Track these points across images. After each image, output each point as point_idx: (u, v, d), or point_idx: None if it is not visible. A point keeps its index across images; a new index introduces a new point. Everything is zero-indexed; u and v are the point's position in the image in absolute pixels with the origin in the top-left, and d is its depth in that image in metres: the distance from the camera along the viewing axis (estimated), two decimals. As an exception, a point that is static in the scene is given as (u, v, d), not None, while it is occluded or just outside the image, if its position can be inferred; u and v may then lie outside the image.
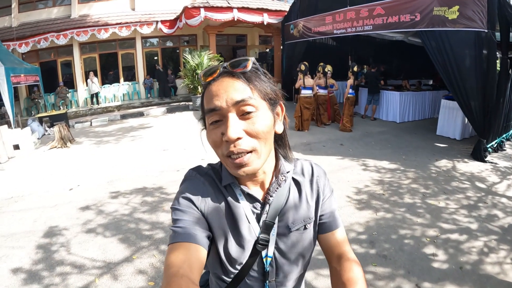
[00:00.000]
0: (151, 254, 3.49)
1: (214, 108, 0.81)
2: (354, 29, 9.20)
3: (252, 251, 0.93)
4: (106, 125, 11.75)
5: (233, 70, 0.83)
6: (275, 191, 0.95)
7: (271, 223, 0.94)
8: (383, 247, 3.53)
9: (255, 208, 0.94)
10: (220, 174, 0.96)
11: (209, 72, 0.86)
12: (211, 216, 0.90)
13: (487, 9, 5.92)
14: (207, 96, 0.84)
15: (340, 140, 7.96)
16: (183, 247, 0.79)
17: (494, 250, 3.45)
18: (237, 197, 0.93)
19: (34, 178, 6.23)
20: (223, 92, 0.81)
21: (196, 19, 12.47)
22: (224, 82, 0.82)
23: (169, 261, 0.77)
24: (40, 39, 12.90)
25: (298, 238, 0.98)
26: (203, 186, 0.93)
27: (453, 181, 5.32)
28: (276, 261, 0.96)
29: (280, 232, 0.96)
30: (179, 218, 0.85)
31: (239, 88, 0.81)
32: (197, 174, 0.96)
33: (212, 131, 0.84)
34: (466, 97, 6.48)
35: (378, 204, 4.55)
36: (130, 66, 15.99)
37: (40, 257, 3.54)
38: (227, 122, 0.80)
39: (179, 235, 0.82)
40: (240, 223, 0.91)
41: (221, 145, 0.83)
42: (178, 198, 0.90)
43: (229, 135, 0.78)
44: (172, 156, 7.13)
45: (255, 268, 0.95)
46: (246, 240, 0.92)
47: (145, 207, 4.65)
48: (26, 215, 4.59)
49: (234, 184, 0.93)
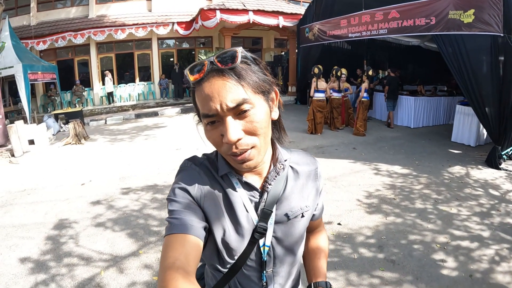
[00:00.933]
0: (158, 250, 3.50)
1: (209, 114, 0.79)
2: (369, 32, 9.13)
3: (250, 240, 0.92)
4: (121, 123, 11.91)
5: (222, 66, 0.79)
6: (274, 179, 0.94)
7: (269, 211, 0.92)
8: (391, 252, 3.47)
9: (253, 196, 0.93)
10: (216, 164, 0.95)
11: (195, 68, 0.81)
12: (207, 206, 0.88)
13: (503, 13, 5.81)
14: (199, 97, 0.81)
15: (353, 144, 7.89)
16: (179, 239, 0.78)
17: (506, 259, 3.36)
18: (234, 186, 0.92)
19: (47, 172, 6.34)
20: (216, 95, 0.78)
21: (212, 21, 12.54)
22: (215, 84, 0.78)
23: (165, 252, 0.76)
24: (58, 37, 13.20)
25: (295, 226, 0.98)
26: (198, 176, 0.91)
27: (466, 188, 5.22)
28: (273, 250, 0.96)
29: (278, 220, 0.95)
30: (175, 209, 0.84)
31: (232, 90, 0.77)
32: (192, 164, 0.95)
33: (210, 132, 0.83)
34: (482, 103, 6.36)
35: (389, 208, 4.48)
36: (146, 66, 16.22)
37: (48, 248, 3.61)
38: (226, 125, 0.78)
39: (175, 227, 0.80)
40: (238, 212, 0.90)
41: (222, 144, 0.82)
42: (174, 188, 0.88)
43: (229, 138, 0.77)
44: (185, 155, 6.93)
45: (252, 258, 0.94)
46: (244, 229, 0.90)
47: (155, 204, 4.68)
48: (37, 208, 4.69)
49: (231, 174, 0.92)
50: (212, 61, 0.80)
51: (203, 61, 0.81)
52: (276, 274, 0.99)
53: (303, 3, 18.06)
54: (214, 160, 0.96)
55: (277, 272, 0.99)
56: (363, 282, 2.99)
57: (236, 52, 0.79)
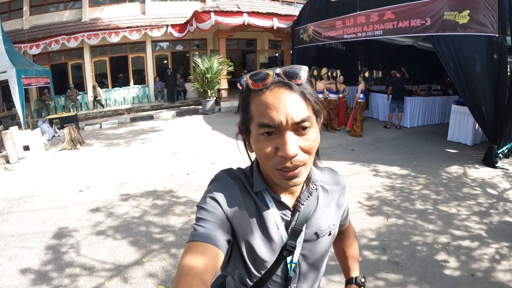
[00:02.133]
0: (162, 258, 3.48)
1: (271, 124, 0.78)
2: (364, 33, 9.15)
3: (278, 257, 0.93)
4: (116, 127, 11.85)
5: (289, 81, 0.79)
6: (306, 199, 0.96)
7: (299, 230, 0.94)
8: (394, 253, 3.49)
9: (284, 215, 0.94)
10: (250, 179, 0.95)
11: (259, 77, 0.81)
12: (236, 220, 0.89)
13: (498, 13, 5.86)
14: (258, 105, 0.80)
15: (350, 145, 7.92)
16: (201, 247, 0.78)
17: (506, 257, 3.40)
18: (267, 203, 0.92)
19: (44, 179, 6.28)
20: (282, 107, 0.77)
21: (207, 23, 12.52)
22: (281, 94, 0.78)
23: (184, 258, 0.77)
24: (51, 41, 13.09)
25: (322, 244, 1.00)
26: (232, 189, 0.91)
27: (464, 187, 5.26)
28: (299, 267, 0.98)
29: (306, 239, 0.96)
30: (202, 217, 0.85)
31: (297, 105, 0.78)
32: (227, 176, 0.95)
33: (263, 143, 0.81)
34: (477, 102, 6.41)
35: (390, 210, 4.51)
36: (140, 69, 16.14)
37: (49, 258, 3.56)
38: (285, 139, 0.78)
39: (199, 235, 0.81)
40: (269, 228, 0.91)
41: (273, 158, 0.81)
42: (205, 197, 0.89)
43: (288, 153, 0.77)
44: (183, 159, 7.14)
45: (278, 274, 0.96)
46: (274, 245, 0.92)
47: (155, 210, 4.66)
48: (35, 216, 4.63)
49: (265, 191, 0.93)
50: (278, 73, 0.80)
51: (267, 70, 0.81)
52: None
53: (296, 5, 18.09)
54: (249, 176, 0.97)
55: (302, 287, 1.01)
56: (368, 285, 3.00)
57: (302, 69, 0.81)
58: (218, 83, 13.71)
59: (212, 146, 8.15)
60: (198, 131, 10.26)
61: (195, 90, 14.37)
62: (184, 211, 4.61)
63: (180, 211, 4.60)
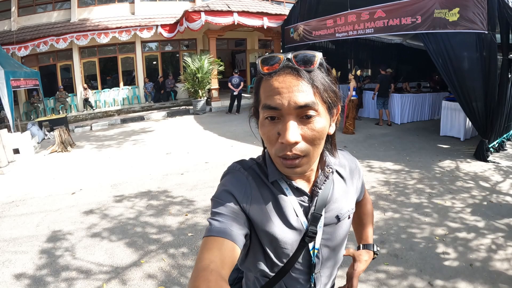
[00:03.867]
0: (160, 258, 3.45)
1: (274, 107, 0.77)
2: (355, 32, 9.19)
3: (300, 244, 0.92)
4: (107, 129, 11.74)
5: (299, 66, 0.78)
6: (323, 184, 0.94)
7: (318, 215, 0.93)
8: (394, 246, 3.52)
9: (302, 201, 0.93)
10: (265, 169, 0.94)
11: (269, 61, 0.80)
12: (254, 212, 0.88)
13: (487, 10, 5.94)
14: (266, 89, 0.80)
15: (343, 142, 7.95)
16: (217, 242, 0.77)
17: (502, 247, 3.46)
18: (284, 191, 0.91)
19: (35, 182, 6.18)
20: (286, 91, 0.76)
21: (197, 23, 12.46)
22: (288, 80, 0.77)
23: (201, 253, 0.76)
24: (39, 43, 12.91)
25: (342, 227, 1.00)
26: (246, 180, 0.91)
27: (458, 181, 5.32)
28: (321, 253, 0.97)
29: (326, 223, 0.96)
30: (218, 211, 0.84)
31: (303, 90, 0.76)
32: (241, 168, 0.94)
33: (267, 127, 0.81)
34: (468, 98, 6.49)
35: (386, 204, 4.54)
36: (129, 70, 16.02)
37: (44, 262, 3.48)
38: (286, 124, 0.77)
39: (215, 229, 0.80)
40: (288, 217, 0.90)
41: (275, 143, 0.80)
42: (219, 190, 0.89)
43: (287, 138, 0.76)
44: (176, 159, 7.09)
45: (300, 261, 0.95)
46: (295, 233, 0.91)
47: (151, 211, 4.61)
48: (28, 220, 4.54)
49: (281, 179, 0.92)
50: (289, 58, 0.79)
51: (279, 55, 0.80)
52: (323, 274, 1.01)
53: (286, 4, 18.11)
54: (262, 165, 0.96)
55: (323, 273, 1.01)
56: (370, 278, 3.02)
57: (315, 56, 0.79)
58: (209, 83, 13.65)
59: (204, 146, 8.12)
60: (190, 131, 10.21)
61: (185, 91, 14.29)
62: (180, 210, 4.57)
63: (176, 211, 4.56)
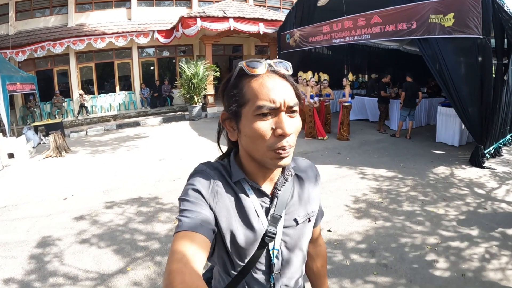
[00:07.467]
0: (146, 266, 3.41)
1: (271, 105, 0.85)
2: (352, 38, 9.19)
3: (260, 244, 0.96)
4: (102, 134, 11.70)
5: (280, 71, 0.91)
6: (283, 186, 1.00)
7: (278, 216, 0.98)
8: (383, 256, 3.46)
9: (263, 202, 0.98)
10: (229, 170, 0.99)
11: (256, 64, 0.89)
12: (219, 210, 0.91)
13: (482, 15, 5.94)
14: (257, 88, 0.86)
15: (337, 149, 7.91)
16: (188, 236, 0.80)
17: (496, 256, 3.40)
18: (246, 192, 0.97)
19: (28, 187, 6.14)
20: (280, 91, 0.86)
21: (192, 29, 12.47)
22: (277, 80, 0.88)
23: (173, 248, 0.78)
24: (37, 47, 12.89)
25: (302, 230, 1.04)
26: (213, 180, 0.94)
27: (452, 188, 5.28)
28: (282, 253, 1.01)
29: (286, 225, 1.00)
30: (186, 208, 0.87)
31: (291, 92, 0.89)
32: (207, 168, 0.98)
33: (260, 123, 0.86)
34: (463, 103, 6.47)
35: (377, 212, 4.49)
36: (126, 75, 15.98)
37: (33, 267, 3.46)
38: (283, 119, 0.86)
39: (185, 224, 0.83)
40: (250, 216, 0.95)
41: (267, 138, 0.86)
42: (187, 189, 0.92)
43: (287, 131, 0.84)
44: (169, 166, 7.05)
45: (261, 261, 0.99)
46: (255, 233, 0.95)
47: (140, 218, 4.57)
48: (19, 224, 4.52)
49: (244, 180, 0.97)
50: (270, 64, 0.91)
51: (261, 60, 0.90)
52: (283, 275, 1.03)
53: (283, 10, 18.16)
54: (227, 167, 1.01)
55: (284, 273, 1.03)
56: (358, 289, 2.97)
57: (289, 64, 0.95)
58: (205, 89, 13.63)
59: (198, 152, 8.08)
60: (184, 137, 10.17)
61: (181, 96, 14.26)
62: (169, 217, 4.53)
63: (165, 218, 4.52)
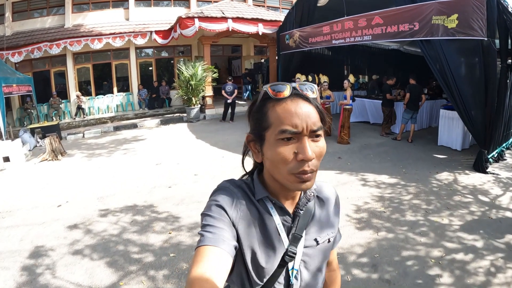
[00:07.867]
0: (139, 280, 3.28)
1: (294, 130, 0.85)
2: (353, 38, 9.07)
3: (279, 263, 0.95)
4: (99, 137, 11.56)
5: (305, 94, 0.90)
6: (305, 205, 1.00)
7: (299, 236, 0.98)
8: (386, 270, 3.34)
9: (285, 221, 0.98)
10: (252, 188, 0.99)
11: (280, 88, 0.89)
12: (241, 227, 0.91)
13: (486, 16, 5.82)
14: (280, 113, 0.87)
15: (338, 153, 7.78)
16: (210, 251, 0.79)
17: (502, 270, 3.28)
18: (269, 210, 0.97)
19: (23, 192, 6.04)
20: (303, 115, 0.86)
21: (190, 29, 12.32)
22: (302, 104, 0.87)
23: (195, 262, 0.77)
24: (33, 48, 12.76)
25: (322, 251, 1.04)
26: (236, 197, 0.94)
27: (456, 195, 5.16)
28: (300, 273, 1.00)
29: (307, 245, 1.00)
30: (209, 223, 0.86)
31: (315, 116, 0.88)
32: (230, 186, 0.98)
33: (282, 147, 0.86)
34: (467, 106, 6.36)
35: (379, 223, 4.35)
36: (124, 76, 15.84)
37: (24, 279, 3.37)
38: (305, 144, 0.85)
39: (208, 239, 0.82)
40: (271, 235, 0.95)
41: (289, 162, 0.86)
42: (210, 205, 0.91)
43: (308, 155, 0.84)
44: (165, 171, 6.92)
45: (280, 281, 0.97)
46: (276, 252, 0.95)
47: (134, 227, 4.44)
48: (13, 233, 4.43)
49: (267, 198, 0.97)
50: (294, 87, 0.90)
51: (285, 83, 0.90)
52: None
53: (282, 10, 18.03)
54: (250, 185, 1.01)
55: None
56: (360, 308, 2.84)
57: (314, 86, 0.94)
58: (203, 90, 13.47)
59: (195, 156, 7.95)
60: (182, 140, 10.04)
61: (179, 98, 14.12)
62: (165, 227, 4.40)
63: (160, 228, 4.39)
